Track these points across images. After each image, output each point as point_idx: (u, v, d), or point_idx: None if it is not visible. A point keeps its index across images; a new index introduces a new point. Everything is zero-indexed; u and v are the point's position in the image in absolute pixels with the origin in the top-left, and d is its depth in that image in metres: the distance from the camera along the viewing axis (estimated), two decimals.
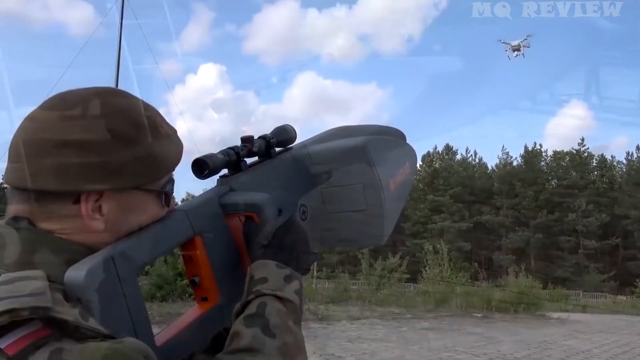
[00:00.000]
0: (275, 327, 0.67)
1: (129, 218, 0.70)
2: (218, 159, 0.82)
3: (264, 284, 0.71)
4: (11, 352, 0.53)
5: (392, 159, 1.02)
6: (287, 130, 0.96)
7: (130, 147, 0.68)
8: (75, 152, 0.65)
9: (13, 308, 0.54)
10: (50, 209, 0.66)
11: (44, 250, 0.65)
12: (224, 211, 0.81)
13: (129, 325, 0.65)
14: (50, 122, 0.67)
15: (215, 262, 0.78)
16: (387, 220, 0.96)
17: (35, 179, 0.65)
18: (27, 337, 0.54)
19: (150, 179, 0.71)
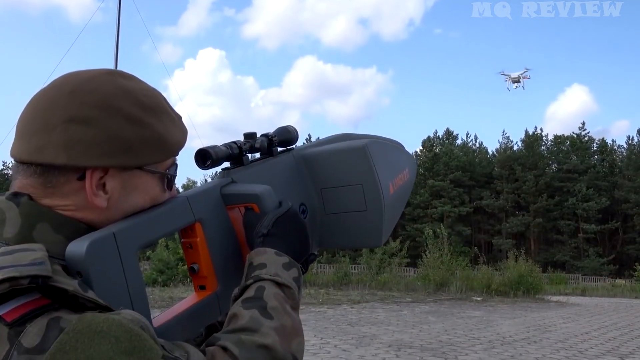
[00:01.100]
0: (273, 310, 0.68)
1: (131, 198, 0.71)
2: (221, 151, 0.83)
3: (262, 270, 0.72)
4: (9, 318, 0.53)
5: (391, 163, 1.03)
6: (290, 130, 0.97)
7: (136, 126, 0.69)
8: (82, 128, 0.66)
9: (12, 276, 0.54)
10: (54, 184, 0.67)
11: (44, 225, 0.66)
12: (225, 202, 0.82)
13: (127, 302, 0.66)
14: (59, 99, 0.67)
15: (215, 250, 0.79)
16: (385, 222, 0.96)
17: (42, 152, 0.66)
18: (26, 305, 0.54)
19: (155, 160, 0.72)
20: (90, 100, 0.67)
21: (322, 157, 0.97)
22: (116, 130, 0.67)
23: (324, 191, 0.96)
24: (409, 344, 7.78)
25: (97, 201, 0.68)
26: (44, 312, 0.54)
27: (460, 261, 19.88)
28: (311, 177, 0.97)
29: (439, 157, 53.90)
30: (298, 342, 0.68)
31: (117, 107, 0.68)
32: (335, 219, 0.96)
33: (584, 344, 8.46)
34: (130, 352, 0.54)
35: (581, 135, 54.57)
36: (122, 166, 0.69)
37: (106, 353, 0.53)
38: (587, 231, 48.32)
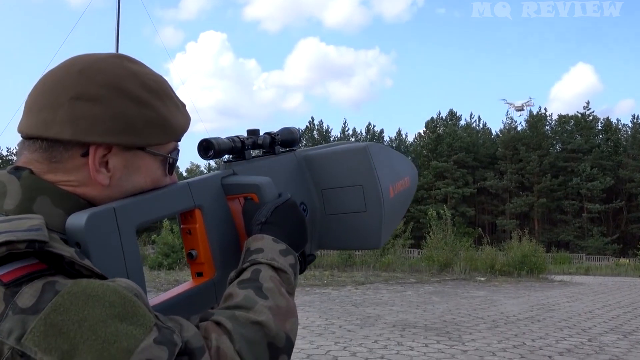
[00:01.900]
0: (268, 290, 0.69)
1: (132, 178, 0.72)
2: (224, 143, 0.85)
3: (259, 254, 0.73)
4: (6, 279, 0.54)
5: (393, 167, 1.03)
6: (292, 131, 0.99)
7: (141, 107, 0.71)
8: (89, 105, 0.68)
9: (10, 240, 0.55)
10: (58, 159, 0.68)
11: (44, 198, 0.67)
12: (225, 192, 0.83)
13: (123, 276, 0.66)
14: (67, 77, 0.69)
15: (213, 237, 0.79)
16: (384, 224, 0.96)
17: (48, 127, 0.67)
18: (23, 269, 0.55)
19: (157, 142, 0.73)
20: (98, 79, 0.69)
21: (324, 158, 0.98)
22: (121, 109, 0.69)
23: (325, 192, 0.97)
24: (413, 324, 7.85)
25: (99, 178, 0.69)
26: (40, 276, 0.55)
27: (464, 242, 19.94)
28: (312, 177, 0.98)
29: (443, 138, 53.68)
30: (292, 323, 0.69)
31: (124, 87, 0.70)
32: (335, 220, 0.97)
33: (588, 322, 8.51)
34: (124, 317, 0.55)
35: (585, 114, 54.18)
36: (125, 145, 0.70)
37: (99, 316, 0.53)
38: (591, 211, 48.28)
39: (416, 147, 58.49)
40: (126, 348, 0.53)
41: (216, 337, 0.62)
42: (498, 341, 6.72)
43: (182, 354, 0.57)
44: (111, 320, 0.54)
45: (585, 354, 6.12)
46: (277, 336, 0.65)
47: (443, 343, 6.49)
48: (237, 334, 0.62)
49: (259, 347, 0.63)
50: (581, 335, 7.33)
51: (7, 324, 0.52)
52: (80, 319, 0.53)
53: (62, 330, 0.52)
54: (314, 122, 62.24)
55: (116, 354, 0.52)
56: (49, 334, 0.51)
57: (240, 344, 0.62)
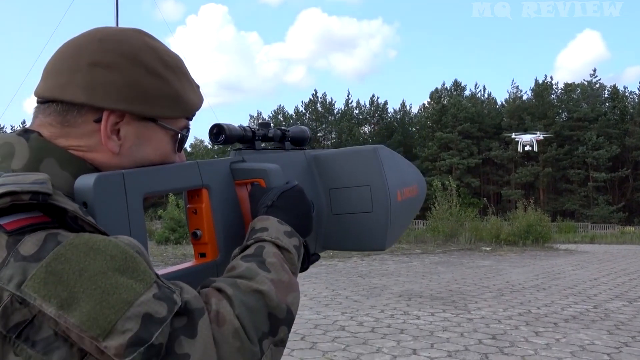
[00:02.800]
0: (271, 265, 0.69)
1: (142, 149, 0.73)
2: (235, 130, 0.86)
3: (264, 232, 0.73)
4: (9, 227, 0.54)
5: (401, 173, 1.02)
6: (303, 130, 1.01)
7: (156, 79, 0.72)
8: (105, 72, 0.69)
9: (14, 191, 0.55)
10: (71, 123, 0.69)
11: (51, 160, 0.68)
12: (233, 177, 0.84)
13: None
14: (87, 44, 0.71)
15: (218, 219, 0.80)
16: (391, 226, 0.95)
17: (64, 90, 0.69)
18: (26, 219, 0.56)
19: (169, 115, 0.74)
20: (117, 48, 0.70)
21: (333, 158, 0.98)
22: (137, 78, 0.70)
23: (332, 191, 0.97)
24: (419, 293, 7.92)
25: (110, 145, 0.70)
26: (44, 228, 0.55)
27: (469, 212, 19.96)
28: (320, 177, 0.98)
29: (447, 109, 53.28)
30: (294, 297, 0.68)
31: (141, 58, 0.71)
32: (342, 220, 0.96)
33: (593, 290, 8.56)
34: (124, 271, 0.55)
35: (592, 82, 53.55)
36: (137, 113, 0.71)
37: (100, 268, 0.54)
38: (597, 179, 48.13)
39: (420, 119, 58.16)
40: (125, 299, 0.53)
41: (216, 301, 0.61)
42: (504, 309, 6.77)
43: (181, 314, 0.57)
44: (111, 273, 0.54)
45: (591, 320, 6.17)
46: (278, 307, 0.65)
47: (449, 312, 6.55)
48: (237, 300, 0.62)
49: (259, 316, 0.63)
50: (586, 303, 7.38)
51: (8, 270, 0.52)
52: (80, 269, 0.53)
53: (62, 279, 0.52)
54: (317, 95, 61.85)
55: (115, 305, 0.52)
56: (48, 282, 0.52)
57: (240, 310, 0.61)
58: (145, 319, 0.53)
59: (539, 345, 4.99)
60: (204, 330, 0.57)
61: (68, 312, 0.51)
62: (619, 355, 4.68)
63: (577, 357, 4.57)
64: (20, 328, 0.52)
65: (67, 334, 0.52)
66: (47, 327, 0.52)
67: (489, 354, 4.65)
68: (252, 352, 0.60)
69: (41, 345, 0.52)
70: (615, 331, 5.63)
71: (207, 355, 0.55)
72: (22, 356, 0.52)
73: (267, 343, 0.63)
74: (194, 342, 0.55)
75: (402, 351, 4.72)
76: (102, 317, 0.51)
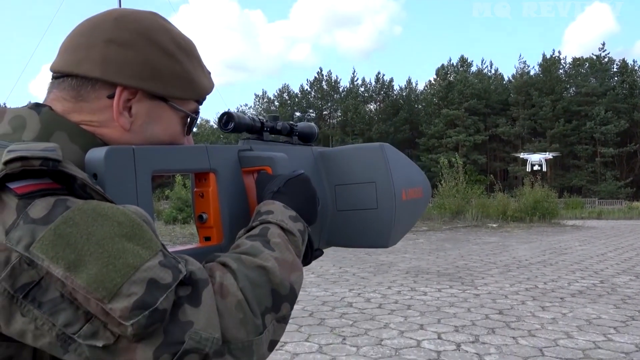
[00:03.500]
0: (276, 245, 0.69)
1: (152, 128, 0.74)
2: (244, 119, 0.88)
3: (269, 215, 0.74)
4: (20, 191, 0.55)
5: (407, 173, 1.02)
6: (311, 126, 1.02)
7: (169, 59, 0.74)
8: (120, 49, 0.71)
9: (24, 156, 0.55)
10: (85, 98, 0.71)
11: (61, 133, 0.69)
12: (241, 164, 0.85)
13: None
14: (104, 22, 0.73)
15: (224, 204, 0.80)
16: (395, 225, 0.95)
17: (79, 65, 0.71)
18: (37, 185, 0.56)
19: (180, 95, 0.75)
20: (132, 27, 0.72)
21: (339, 154, 0.99)
22: (151, 57, 0.72)
23: (338, 188, 0.98)
24: (425, 270, 7.96)
25: (121, 121, 0.71)
26: (53, 194, 0.56)
27: (476, 189, 19.94)
28: (327, 173, 0.98)
29: (454, 86, 52.81)
30: (297, 276, 0.69)
31: (155, 38, 0.73)
32: (346, 216, 0.97)
33: (600, 265, 8.58)
34: (131, 237, 0.56)
35: (601, 56, 52.78)
36: (150, 91, 0.73)
37: (107, 233, 0.55)
38: (605, 155, 47.81)
39: (427, 96, 57.73)
40: (131, 264, 0.54)
41: (220, 274, 0.62)
42: (510, 285, 6.81)
43: (185, 284, 0.57)
44: (118, 238, 0.55)
45: (597, 295, 6.20)
46: (281, 284, 0.66)
47: (456, 288, 6.59)
48: (241, 274, 0.63)
49: (263, 290, 0.64)
50: (593, 277, 7.40)
51: (17, 232, 0.53)
52: (88, 233, 0.54)
53: (70, 242, 0.53)
54: (322, 73, 61.41)
55: (121, 268, 0.53)
56: (57, 244, 0.53)
57: (244, 283, 0.62)
58: (150, 284, 0.54)
59: (545, 319, 5.02)
60: (208, 300, 0.58)
61: (75, 273, 0.52)
62: (626, 328, 4.70)
63: (583, 331, 4.60)
64: (27, 289, 0.53)
65: (74, 295, 0.53)
66: (53, 289, 0.53)
67: (496, 328, 4.69)
68: (254, 324, 0.61)
69: (47, 306, 0.52)
70: (621, 305, 5.65)
71: (210, 324, 0.56)
72: (28, 317, 0.53)
73: (270, 318, 0.64)
74: (197, 311, 0.56)
75: (409, 326, 4.76)
76: (108, 280, 0.52)
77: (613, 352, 4.01)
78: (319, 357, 3.89)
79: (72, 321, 0.53)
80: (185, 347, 0.54)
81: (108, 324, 0.53)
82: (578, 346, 4.17)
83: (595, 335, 4.50)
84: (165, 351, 0.53)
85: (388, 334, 4.51)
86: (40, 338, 0.53)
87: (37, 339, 0.53)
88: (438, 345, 4.20)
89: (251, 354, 0.60)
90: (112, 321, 0.52)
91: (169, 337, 0.54)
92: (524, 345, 4.17)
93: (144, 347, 0.53)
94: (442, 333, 4.55)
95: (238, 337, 0.59)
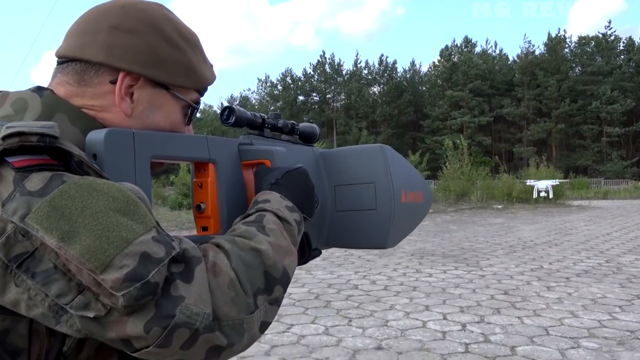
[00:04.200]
0: (271, 230, 0.70)
1: (153, 115, 0.75)
2: (245, 114, 0.89)
3: (266, 204, 0.75)
4: (17, 165, 0.56)
5: (408, 176, 1.02)
6: (313, 127, 1.02)
7: (172, 48, 0.75)
8: (125, 36, 0.72)
9: (22, 131, 0.57)
10: (88, 83, 0.72)
11: (62, 115, 0.70)
12: (240, 157, 0.85)
13: None
14: (110, 9, 0.74)
15: (223, 194, 0.81)
16: (393, 226, 0.95)
17: (84, 49, 0.72)
18: (34, 160, 0.57)
19: (182, 84, 0.77)
20: (138, 15, 0.74)
21: (340, 155, 0.99)
22: (154, 45, 0.73)
23: (337, 188, 0.98)
24: (431, 252, 7.98)
25: (122, 106, 0.72)
26: (50, 169, 0.58)
27: (481, 171, 19.89)
28: (327, 173, 0.99)
29: (458, 67, 52.37)
30: (291, 261, 0.70)
31: (160, 28, 0.74)
32: (345, 217, 0.97)
33: (605, 245, 8.58)
34: (125, 212, 0.57)
35: (607, 34, 52.14)
36: (152, 78, 0.74)
37: (102, 207, 0.56)
38: (611, 134, 47.48)
39: (430, 77, 57.30)
40: (124, 237, 0.55)
41: (214, 254, 0.63)
42: (515, 265, 6.82)
43: (178, 261, 0.58)
44: (113, 212, 0.56)
45: (603, 274, 6.20)
46: (275, 267, 0.66)
47: (461, 269, 6.62)
48: (234, 254, 0.64)
49: (256, 272, 0.64)
50: (599, 257, 7.41)
51: (14, 204, 0.54)
52: (83, 206, 0.55)
53: (65, 214, 0.54)
54: (325, 56, 60.99)
55: (114, 241, 0.54)
56: (51, 215, 0.54)
57: (237, 263, 0.63)
58: (142, 257, 0.54)
59: (550, 299, 5.04)
60: (200, 277, 0.58)
61: (68, 244, 0.53)
62: (631, 307, 4.72)
63: (588, 310, 4.62)
64: (21, 259, 0.54)
65: (67, 267, 0.54)
66: (47, 260, 0.54)
67: (501, 308, 4.71)
68: (246, 303, 0.62)
69: (40, 277, 0.54)
70: (627, 284, 5.66)
71: (201, 299, 0.57)
72: (22, 287, 0.54)
73: (262, 299, 0.64)
74: (189, 287, 0.57)
75: (414, 308, 4.79)
76: (101, 251, 0.53)
77: (618, 331, 4.03)
78: (325, 339, 3.93)
79: (65, 292, 0.54)
80: (176, 320, 0.55)
81: (100, 295, 0.53)
82: (583, 325, 4.19)
83: (600, 314, 4.52)
84: (156, 324, 0.54)
85: (394, 315, 4.55)
86: (33, 308, 0.54)
87: (30, 309, 0.54)
88: (443, 325, 4.23)
89: (242, 332, 0.61)
90: (104, 292, 0.53)
91: (160, 311, 0.55)
92: (529, 325, 4.19)
93: (134, 320, 0.54)
94: (447, 314, 4.58)
95: (229, 315, 0.60)
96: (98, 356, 0.63)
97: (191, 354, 0.58)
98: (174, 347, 0.56)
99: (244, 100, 67.43)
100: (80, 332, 0.55)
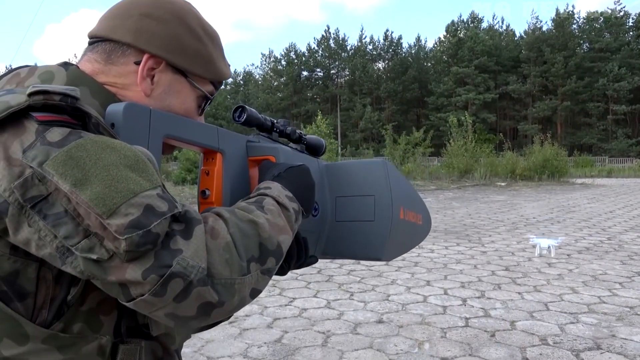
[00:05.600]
0: (269, 211, 0.74)
1: (170, 98, 0.80)
2: (256, 115, 0.94)
3: (267, 190, 0.79)
4: (41, 118, 0.62)
5: (408, 195, 1.04)
6: (320, 140, 1.07)
7: (195, 40, 0.81)
8: (153, 23, 0.78)
9: (46, 90, 0.62)
10: (114, 61, 0.78)
11: (84, 89, 0.74)
12: (248, 153, 0.90)
13: None
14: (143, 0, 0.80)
15: (228, 184, 0.85)
16: (390, 239, 0.98)
17: (114, 31, 0.78)
18: (56, 117, 0.63)
19: (201, 73, 0.82)
20: (167, 7, 0.80)
21: (343, 168, 1.03)
22: (179, 34, 0.80)
23: (339, 199, 1.01)
24: (433, 228, 8.01)
25: (143, 85, 0.78)
26: (70, 126, 0.63)
27: (485, 148, 19.83)
28: (329, 184, 1.02)
29: (464, 42, 51.76)
30: (285, 238, 0.73)
31: (186, 20, 0.81)
32: (344, 227, 1.00)
33: (608, 222, 8.59)
34: (135, 169, 0.61)
35: (616, 10, 51.31)
36: (173, 64, 0.80)
37: (114, 161, 0.60)
38: (617, 112, 47.11)
39: (436, 53, 56.70)
40: (132, 189, 0.59)
41: (213, 220, 0.67)
42: (517, 242, 6.86)
43: (179, 221, 0.62)
44: (123, 167, 0.61)
45: (604, 251, 6.23)
46: (269, 240, 0.70)
47: (463, 245, 6.65)
48: (232, 222, 0.67)
49: (251, 241, 0.68)
50: (601, 235, 7.43)
51: (34, 151, 0.59)
52: (96, 158, 0.60)
53: (79, 163, 0.59)
54: (330, 31, 60.35)
55: (122, 191, 0.59)
56: (67, 163, 0.59)
57: (234, 230, 0.67)
58: (147, 209, 0.59)
59: (551, 275, 5.08)
60: (199, 235, 0.62)
61: (80, 189, 0.58)
62: (631, 284, 4.75)
63: (588, 286, 4.66)
64: (35, 201, 0.58)
65: (77, 211, 0.58)
66: (59, 204, 0.58)
67: (502, 284, 4.75)
68: (240, 266, 0.65)
69: (52, 219, 0.58)
70: (628, 261, 5.69)
71: (197, 254, 0.61)
72: (34, 227, 0.58)
73: (255, 267, 0.67)
74: (188, 242, 0.61)
75: (416, 282, 4.84)
76: (109, 198, 0.58)
77: (617, 307, 4.07)
78: (327, 312, 3.98)
79: (72, 234, 0.58)
80: (172, 270, 0.58)
81: (104, 239, 0.58)
82: (583, 301, 4.23)
83: (600, 290, 4.55)
84: (153, 272, 0.58)
85: (395, 290, 4.59)
86: (42, 248, 0.59)
87: (40, 248, 0.59)
88: (444, 300, 4.28)
89: (233, 292, 0.64)
90: (109, 236, 0.57)
91: (158, 261, 0.58)
92: (529, 300, 4.23)
93: (134, 267, 0.58)
94: (448, 289, 4.62)
95: (222, 274, 0.63)
96: (100, 309, 0.68)
97: (183, 308, 0.61)
98: (168, 298, 0.59)
99: (247, 75, 66.93)
100: (83, 273, 0.58)
